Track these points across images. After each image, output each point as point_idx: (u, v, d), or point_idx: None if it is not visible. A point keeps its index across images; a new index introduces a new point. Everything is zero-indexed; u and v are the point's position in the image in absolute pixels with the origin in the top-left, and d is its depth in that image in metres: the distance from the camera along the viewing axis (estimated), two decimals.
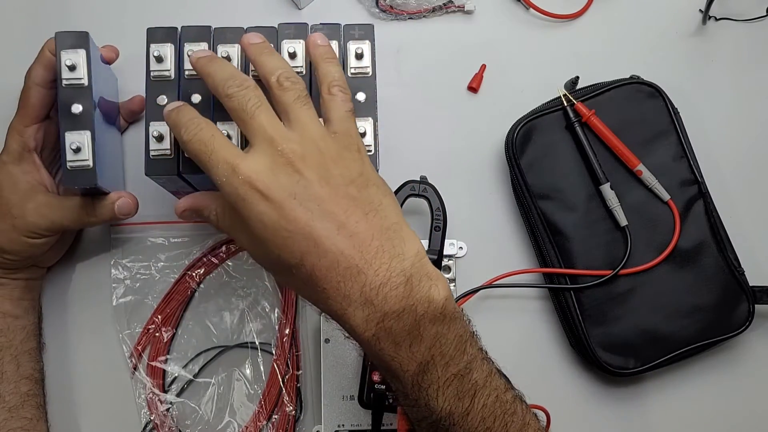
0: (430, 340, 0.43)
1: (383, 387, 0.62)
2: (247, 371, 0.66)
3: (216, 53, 0.55)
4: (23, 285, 0.62)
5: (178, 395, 0.65)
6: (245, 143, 0.54)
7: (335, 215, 0.43)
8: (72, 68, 0.55)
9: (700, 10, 0.71)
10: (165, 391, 0.65)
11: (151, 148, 0.54)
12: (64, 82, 0.55)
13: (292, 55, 0.55)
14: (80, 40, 0.56)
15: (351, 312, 0.42)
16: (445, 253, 0.65)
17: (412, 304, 0.42)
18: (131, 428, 0.65)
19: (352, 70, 0.56)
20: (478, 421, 0.44)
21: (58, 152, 0.62)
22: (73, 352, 0.66)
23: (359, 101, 0.55)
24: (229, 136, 0.54)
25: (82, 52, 0.55)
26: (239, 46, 0.56)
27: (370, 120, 0.55)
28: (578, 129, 0.66)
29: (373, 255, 0.42)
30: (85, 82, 0.55)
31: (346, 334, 0.45)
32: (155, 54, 0.55)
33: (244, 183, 0.43)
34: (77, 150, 0.54)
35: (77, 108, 0.55)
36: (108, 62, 0.62)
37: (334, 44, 0.56)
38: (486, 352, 0.47)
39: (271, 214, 0.42)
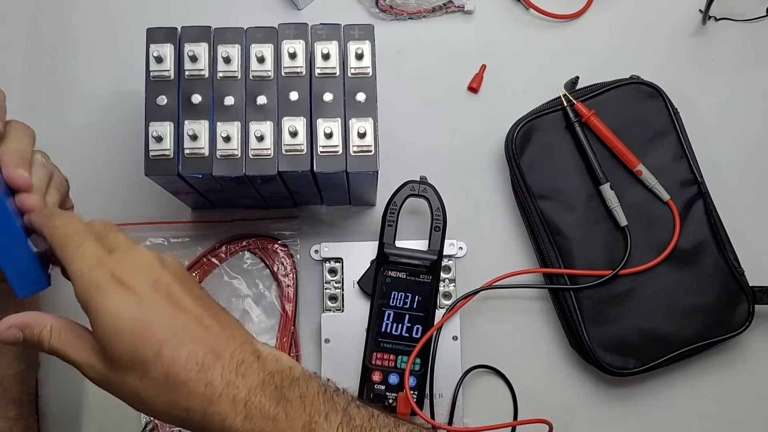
0: (300, 402, 0.44)
1: (383, 387, 0.62)
2: None
3: (216, 53, 0.55)
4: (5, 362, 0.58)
5: None
6: (246, 148, 0.55)
7: (192, 310, 0.44)
8: None
9: (700, 10, 0.71)
10: None
11: (150, 149, 0.54)
12: None
13: (292, 56, 0.55)
14: None
15: (216, 399, 0.42)
16: (445, 253, 0.65)
17: (269, 375, 0.44)
18: (131, 428, 0.65)
19: (353, 70, 0.56)
20: None
21: None
22: None
23: (359, 101, 0.55)
24: (228, 137, 0.54)
25: None
26: (239, 46, 0.56)
27: (370, 120, 0.55)
28: (578, 129, 0.66)
29: (225, 342, 0.44)
30: None
31: None
32: (155, 54, 0.55)
33: (107, 274, 0.43)
34: None
35: None
36: None
37: (334, 44, 0.56)
38: (360, 401, 0.47)
39: (130, 304, 0.42)
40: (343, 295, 0.66)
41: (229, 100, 0.55)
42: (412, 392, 0.62)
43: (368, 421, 0.45)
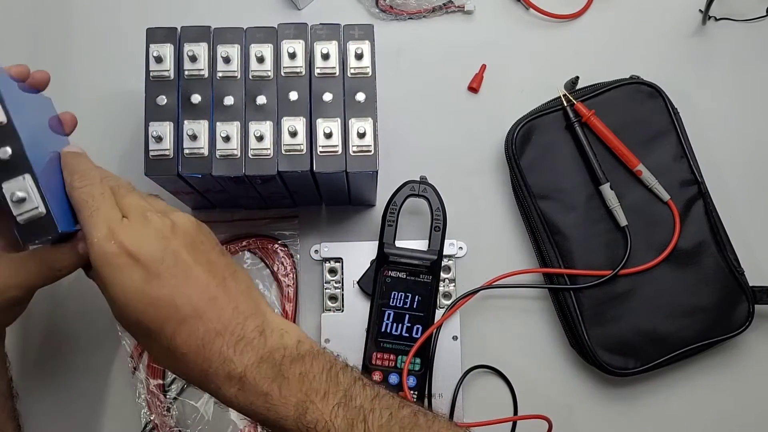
0: (297, 380, 0.44)
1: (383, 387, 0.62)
2: None
3: (216, 53, 0.55)
4: None
5: (178, 395, 0.65)
6: (245, 148, 0.55)
7: (198, 280, 0.45)
8: None
9: (700, 10, 0.71)
10: (165, 391, 0.65)
11: (150, 149, 0.54)
12: None
13: (292, 56, 0.55)
14: None
15: (212, 372, 0.44)
16: (445, 253, 0.65)
17: (269, 353, 0.44)
18: (131, 428, 0.65)
19: (352, 70, 0.56)
20: None
21: None
22: (73, 352, 0.66)
23: (359, 101, 0.55)
24: (228, 137, 0.54)
25: None
26: (239, 46, 0.56)
27: (370, 120, 0.55)
28: (578, 129, 0.66)
29: (229, 316, 0.45)
30: (2, 119, 0.45)
31: (216, 401, 0.46)
32: (155, 54, 0.55)
33: (117, 246, 0.44)
34: (21, 200, 0.45)
35: (5, 152, 0.45)
36: (36, 89, 0.54)
37: (334, 44, 0.56)
38: (367, 379, 0.47)
39: (137, 278, 0.43)
40: (343, 295, 0.66)
41: (229, 100, 0.55)
42: (411, 392, 0.62)
43: (370, 401, 0.45)
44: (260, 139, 0.54)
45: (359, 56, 0.56)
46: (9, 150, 0.45)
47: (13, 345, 0.64)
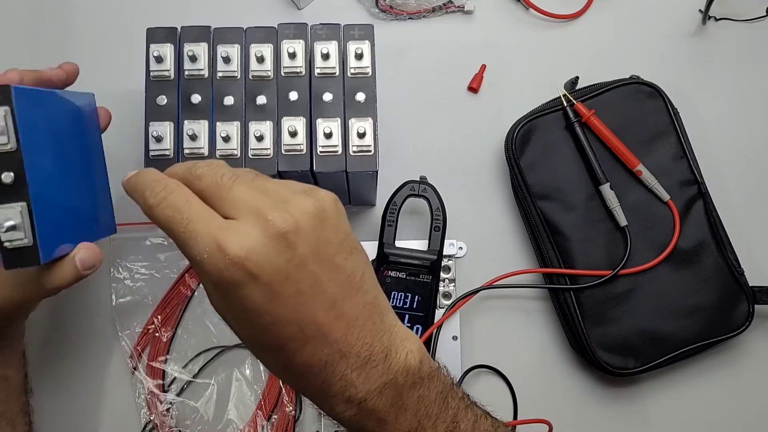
0: (414, 406, 0.41)
1: None
2: (247, 371, 0.66)
3: (216, 53, 0.55)
4: (9, 344, 0.56)
5: (178, 395, 0.65)
6: (245, 148, 0.55)
7: (326, 295, 0.39)
8: None
9: (700, 10, 0.71)
10: (165, 391, 0.65)
11: (150, 149, 0.54)
12: None
13: (292, 56, 0.55)
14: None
15: (332, 394, 0.40)
16: (445, 253, 0.65)
17: (392, 378, 0.40)
18: (131, 428, 0.65)
19: (352, 70, 0.56)
20: None
21: None
22: (73, 352, 0.66)
23: (359, 101, 0.55)
24: (227, 137, 0.54)
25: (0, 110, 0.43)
26: (239, 46, 0.56)
27: (370, 120, 0.55)
28: (578, 129, 0.66)
29: (356, 337, 0.40)
30: (12, 146, 0.44)
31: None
32: (155, 54, 0.55)
33: (232, 263, 0.36)
34: (11, 228, 0.44)
35: (8, 177, 0.44)
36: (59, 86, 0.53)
37: (334, 44, 0.56)
38: (468, 397, 0.45)
39: (257, 298, 0.37)
40: None
41: (229, 100, 0.55)
42: None
43: (471, 426, 0.43)
44: (260, 139, 0.54)
45: (359, 56, 0.56)
46: (12, 175, 0.44)
47: None
